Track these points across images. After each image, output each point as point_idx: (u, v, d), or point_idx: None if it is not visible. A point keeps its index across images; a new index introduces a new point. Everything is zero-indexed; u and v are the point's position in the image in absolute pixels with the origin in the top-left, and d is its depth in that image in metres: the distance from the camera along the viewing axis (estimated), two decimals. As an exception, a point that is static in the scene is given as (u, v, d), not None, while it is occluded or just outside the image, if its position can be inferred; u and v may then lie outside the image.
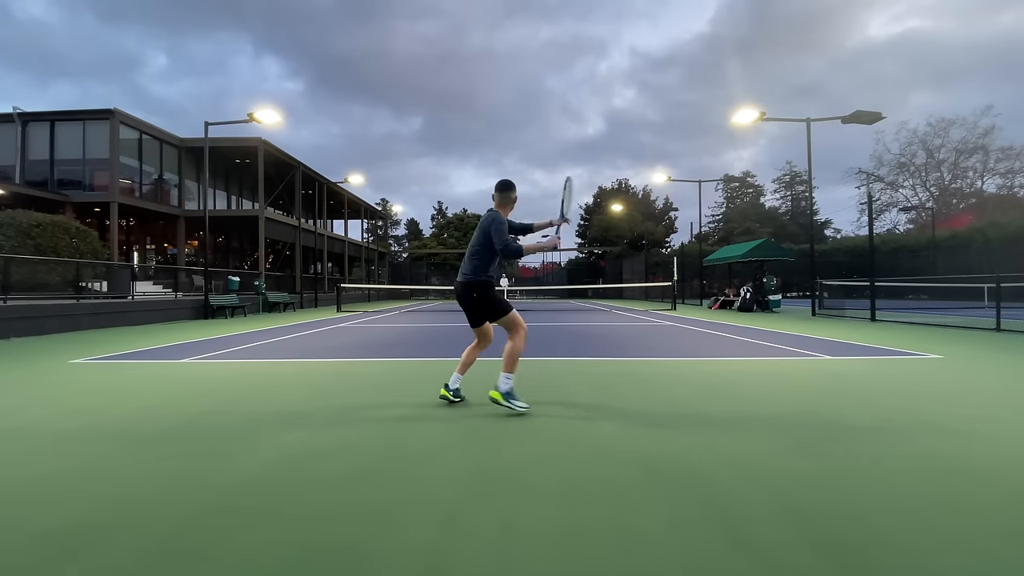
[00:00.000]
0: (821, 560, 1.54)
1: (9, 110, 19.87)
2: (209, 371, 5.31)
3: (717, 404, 3.63)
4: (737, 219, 49.82)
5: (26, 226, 13.59)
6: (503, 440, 2.83)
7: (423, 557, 1.58)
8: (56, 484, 2.22)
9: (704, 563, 1.53)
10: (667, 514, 1.87)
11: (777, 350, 6.72)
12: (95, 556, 1.59)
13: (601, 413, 3.41)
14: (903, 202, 41.45)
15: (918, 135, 40.71)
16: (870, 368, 5.20)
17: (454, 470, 2.36)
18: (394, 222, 68.65)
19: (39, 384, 4.69)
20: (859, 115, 13.59)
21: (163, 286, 18.00)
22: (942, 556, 1.56)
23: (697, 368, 5.28)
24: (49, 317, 10.15)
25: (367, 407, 3.62)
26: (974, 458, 2.45)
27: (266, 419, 3.30)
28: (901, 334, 8.58)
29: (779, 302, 17.76)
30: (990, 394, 4.01)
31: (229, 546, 1.65)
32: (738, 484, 2.14)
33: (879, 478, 2.20)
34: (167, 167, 23.38)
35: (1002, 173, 38.53)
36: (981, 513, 1.86)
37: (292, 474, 2.31)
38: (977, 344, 7.13)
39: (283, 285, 24.05)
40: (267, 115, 14.73)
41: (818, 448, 2.62)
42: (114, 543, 1.67)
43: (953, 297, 19.78)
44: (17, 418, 3.38)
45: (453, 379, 3.64)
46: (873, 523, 1.78)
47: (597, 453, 2.57)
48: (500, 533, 1.73)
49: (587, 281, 42.23)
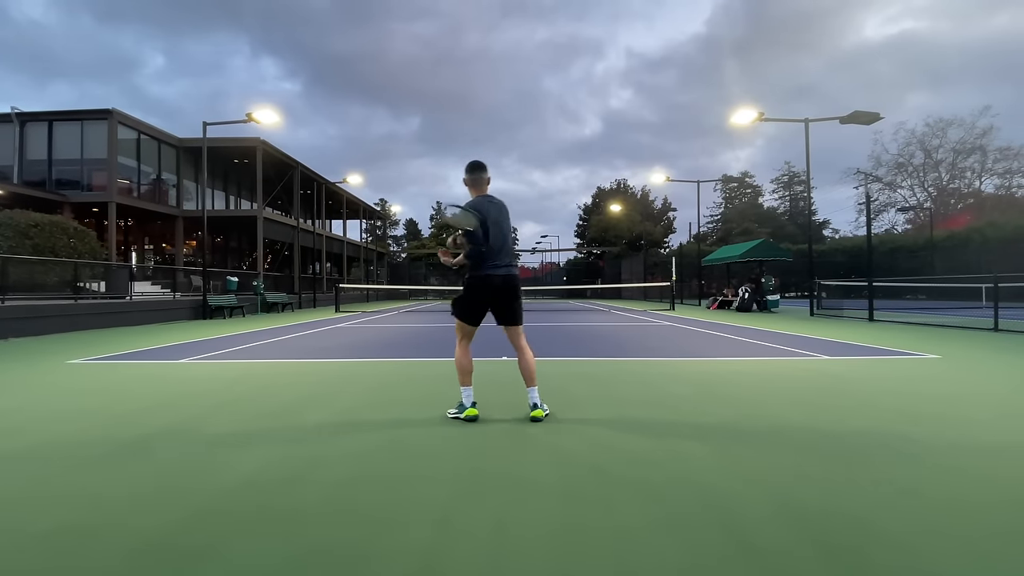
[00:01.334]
0: (820, 561, 1.54)
1: (4, 110, 19.85)
2: (207, 371, 5.30)
3: (715, 404, 3.64)
4: (736, 219, 49.87)
5: (24, 226, 13.56)
6: (500, 440, 2.83)
7: (419, 557, 1.57)
8: (54, 485, 2.21)
9: (701, 564, 1.53)
10: (664, 515, 1.87)
11: (775, 350, 6.72)
12: (90, 558, 1.59)
13: (599, 413, 3.40)
14: (901, 202, 41.52)
15: (916, 135, 40.83)
16: (868, 368, 5.21)
17: (451, 470, 2.36)
18: (393, 222, 68.66)
19: (37, 384, 4.68)
20: (857, 115, 13.61)
21: (161, 286, 17.98)
22: (942, 557, 1.56)
23: (695, 368, 5.28)
24: (47, 317, 10.13)
25: (364, 407, 3.62)
26: (973, 458, 2.45)
27: (263, 419, 3.29)
28: (899, 334, 8.59)
29: (777, 302, 17.78)
30: (988, 394, 4.01)
31: (225, 547, 1.65)
32: (736, 484, 2.14)
33: (877, 479, 2.20)
34: (165, 167, 23.35)
35: (1000, 173, 38.66)
36: (980, 513, 1.86)
37: (288, 475, 2.30)
38: (975, 344, 7.14)
39: (281, 285, 24.03)
40: (265, 115, 14.72)
41: (817, 448, 2.62)
42: (111, 544, 1.67)
43: (951, 297, 19.81)
44: (15, 419, 3.37)
45: (467, 395, 3.25)
46: (872, 524, 1.78)
47: (594, 453, 2.57)
48: (495, 533, 1.73)
49: (586, 281, 42.25)
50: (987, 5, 62.44)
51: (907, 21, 79.44)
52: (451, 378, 3.57)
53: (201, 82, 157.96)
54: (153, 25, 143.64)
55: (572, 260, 50.55)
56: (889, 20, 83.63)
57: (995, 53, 56.55)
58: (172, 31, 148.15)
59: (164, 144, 23.03)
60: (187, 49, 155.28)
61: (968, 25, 65.63)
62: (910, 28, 77.78)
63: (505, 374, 4.95)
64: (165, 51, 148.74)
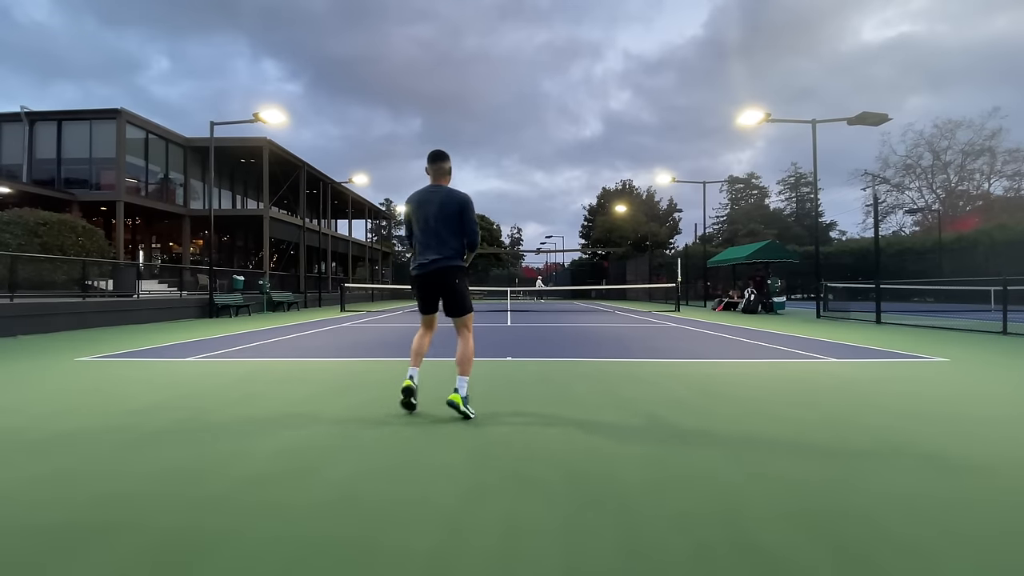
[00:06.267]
0: (828, 563, 1.53)
1: (14, 110, 20.03)
2: (214, 369, 5.33)
3: (721, 406, 3.62)
4: (742, 220, 49.70)
5: (33, 224, 13.69)
6: (505, 439, 2.83)
7: (425, 556, 1.58)
8: (60, 481, 2.23)
9: (708, 564, 1.53)
10: (670, 514, 1.86)
11: (782, 352, 6.69)
12: (97, 553, 1.60)
13: (603, 413, 3.40)
14: (909, 204, 41.29)
15: (924, 137, 40.56)
16: (876, 371, 5.17)
17: (456, 469, 2.36)
18: (398, 222, 68.76)
19: (45, 381, 4.72)
20: (865, 116, 13.53)
21: (168, 285, 18.10)
22: (952, 559, 1.55)
23: (700, 370, 5.26)
24: (55, 315, 10.22)
25: (370, 405, 3.63)
26: (981, 460, 2.43)
27: (268, 417, 3.31)
28: (907, 337, 8.53)
29: (783, 304, 17.69)
30: (997, 397, 3.98)
31: (231, 543, 1.66)
32: (743, 485, 2.13)
33: (886, 481, 2.19)
34: (172, 166, 23.51)
35: (1009, 175, 38.35)
36: (989, 516, 1.84)
37: (294, 472, 2.31)
38: (984, 347, 7.08)
39: (287, 284, 24.14)
40: (272, 115, 14.77)
41: (824, 450, 2.61)
42: (115, 540, 1.68)
43: (959, 300, 19.65)
44: (23, 415, 3.40)
45: (410, 373, 3.36)
46: (881, 526, 1.77)
47: (599, 453, 2.57)
48: (503, 532, 1.73)
49: (590, 282, 42.18)
50: (984, 8, 62.21)
51: (904, 24, 79.24)
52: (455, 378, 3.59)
53: (204, 84, 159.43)
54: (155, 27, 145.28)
55: (577, 261, 50.50)
56: (886, 23, 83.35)
57: (995, 55, 56.31)
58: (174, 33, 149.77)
59: (171, 144, 23.18)
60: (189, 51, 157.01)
61: (966, 28, 65.41)
62: (908, 31, 77.62)
63: (505, 374, 4.96)
64: (168, 53, 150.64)
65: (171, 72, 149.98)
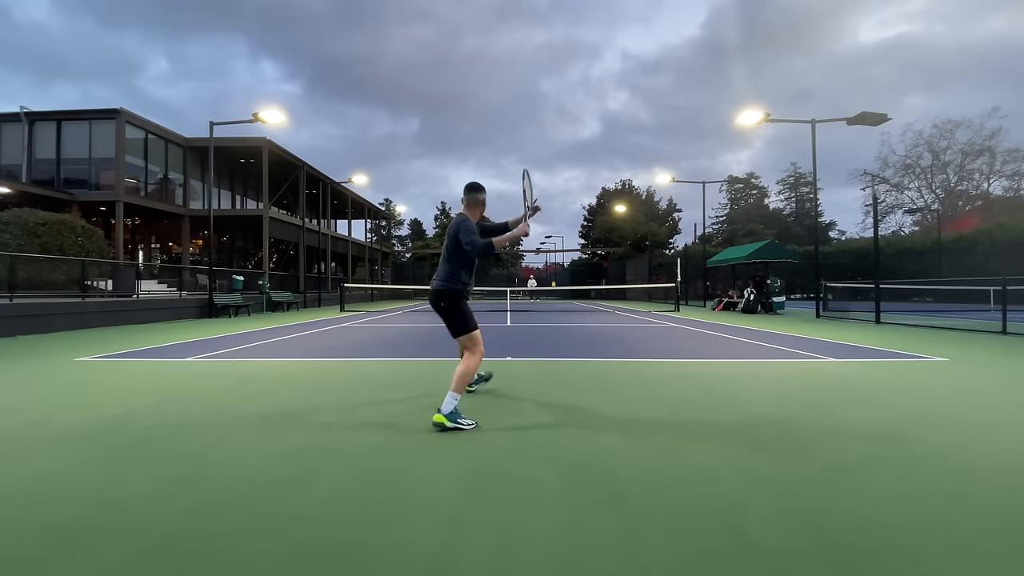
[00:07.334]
0: (825, 562, 1.53)
1: (14, 110, 20.02)
2: (213, 369, 5.33)
3: (720, 405, 3.62)
4: (741, 220, 49.69)
5: (32, 225, 13.67)
6: (504, 439, 2.83)
7: (425, 556, 1.58)
8: (59, 481, 2.23)
9: (706, 564, 1.53)
10: (669, 514, 1.86)
11: (781, 352, 6.69)
12: (95, 554, 1.60)
13: (603, 413, 3.40)
14: (908, 204, 41.28)
15: (924, 137, 40.52)
16: (875, 371, 5.18)
17: (456, 469, 2.36)
18: (397, 222, 68.81)
19: (45, 381, 4.71)
20: (864, 116, 13.53)
21: (168, 285, 18.09)
22: (948, 558, 1.55)
23: (700, 370, 5.26)
24: (55, 315, 10.21)
25: (369, 406, 3.63)
26: (981, 460, 2.43)
27: (267, 417, 3.31)
28: (906, 337, 8.53)
29: (783, 304, 17.69)
30: (997, 397, 3.98)
31: (228, 545, 1.66)
32: (742, 485, 2.14)
33: (886, 481, 2.19)
34: (172, 167, 23.49)
35: (1008, 175, 38.32)
36: (989, 515, 1.84)
37: (292, 473, 2.31)
38: (983, 347, 7.09)
39: (287, 285, 24.13)
40: (271, 115, 14.76)
41: (824, 450, 2.61)
42: (114, 541, 1.68)
43: (958, 300, 19.65)
44: (23, 415, 3.40)
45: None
46: (879, 526, 1.77)
47: (599, 453, 2.57)
48: (500, 532, 1.74)
49: (590, 282, 42.16)
50: (980, 9, 62.26)
51: (901, 25, 79.29)
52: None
53: (203, 85, 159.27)
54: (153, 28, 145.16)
55: (576, 261, 50.49)
56: (883, 24, 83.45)
57: (992, 56, 56.36)
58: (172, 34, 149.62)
59: (171, 144, 23.16)
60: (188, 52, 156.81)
61: (963, 28, 65.52)
62: (904, 32, 77.73)
63: (505, 374, 4.96)
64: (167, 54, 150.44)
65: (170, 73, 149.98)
